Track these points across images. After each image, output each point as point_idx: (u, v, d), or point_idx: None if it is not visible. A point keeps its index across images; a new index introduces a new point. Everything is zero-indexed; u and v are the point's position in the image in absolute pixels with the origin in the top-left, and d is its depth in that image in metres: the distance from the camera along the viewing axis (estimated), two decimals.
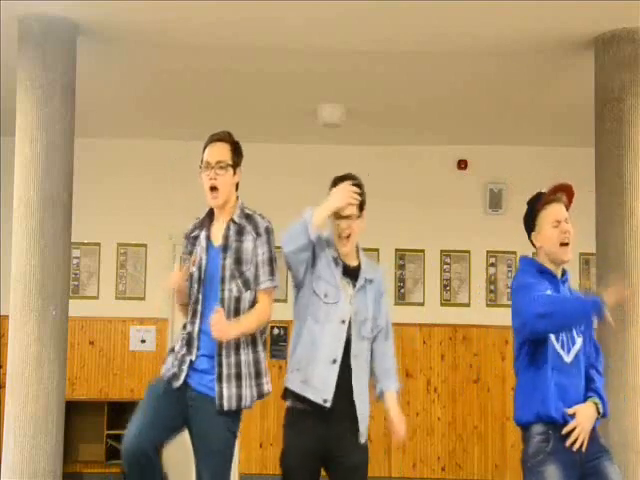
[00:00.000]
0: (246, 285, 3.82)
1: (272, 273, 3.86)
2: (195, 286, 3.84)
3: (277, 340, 8.46)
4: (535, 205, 3.81)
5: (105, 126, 8.33)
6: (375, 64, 6.54)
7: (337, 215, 3.96)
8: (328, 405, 3.82)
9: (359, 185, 4.06)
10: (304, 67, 6.64)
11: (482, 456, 8.56)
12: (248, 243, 3.84)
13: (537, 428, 3.63)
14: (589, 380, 3.66)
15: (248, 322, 3.80)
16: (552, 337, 3.63)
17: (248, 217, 3.91)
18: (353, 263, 4.05)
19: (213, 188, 3.89)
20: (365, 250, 4.22)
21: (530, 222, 3.83)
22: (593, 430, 3.60)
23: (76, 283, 8.60)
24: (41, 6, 5.57)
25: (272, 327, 8.43)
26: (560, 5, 5.29)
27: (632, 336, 5.43)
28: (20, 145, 5.69)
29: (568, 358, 3.63)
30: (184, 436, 3.87)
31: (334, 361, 3.85)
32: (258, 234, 3.86)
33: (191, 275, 3.85)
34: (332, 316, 3.90)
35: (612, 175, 5.66)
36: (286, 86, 7.09)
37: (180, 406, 3.78)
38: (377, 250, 8.40)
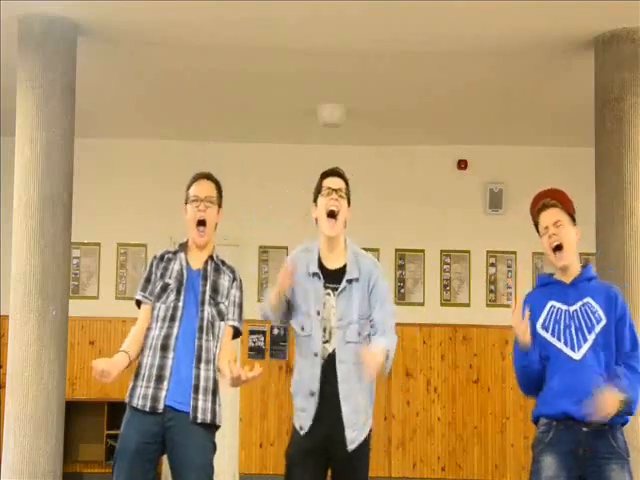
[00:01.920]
0: (220, 315, 3.90)
1: (240, 317, 3.98)
2: (172, 296, 3.88)
3: (277, 340, 8.45)
4: (533, 218, 3.86)
5: (105, 126, 8.33)
6: (375, 64, 6.54)
7: (327, 190, 3.97)
8: (303, 432, 3.89)
9: (345, 179, 4.04)
10: (304, 67, 6.64)
11: (482, 456, 8.55)
12: (225, 281, 3.96)
13: (542, 420, 3.68)
14: (615, 377, 3.60)
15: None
16: (552, 339, 3.68)
17: (223, 262, 4.05)
18: (337, 265, 3.98)
19: (201, 222, 3.94)
20: (365, 250, 4.15)
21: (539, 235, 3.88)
22: (608, 429, 3.57)
23: (76, 283, 8.59)
24: (41, 6, 5.57)
25: (272, 327, 8.44)
26: (560, 5, 5.29)
27: None
28: (20, 145, 5.69)
29: (577, 355, 3.63)
30: None
31: (312, 394, 3.89)
32: (234, 278, 4.00)
33: (166, 285, 3.90)
34: (308, 349, 3.92)
35: (612, 175, 5.66)
36: (286, 86, 7.09)
37: (155, 438, 3.73)
38: (377, 250, 8.39)
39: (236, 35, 6.01)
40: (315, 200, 4.02)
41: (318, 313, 3.90)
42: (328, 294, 3.93)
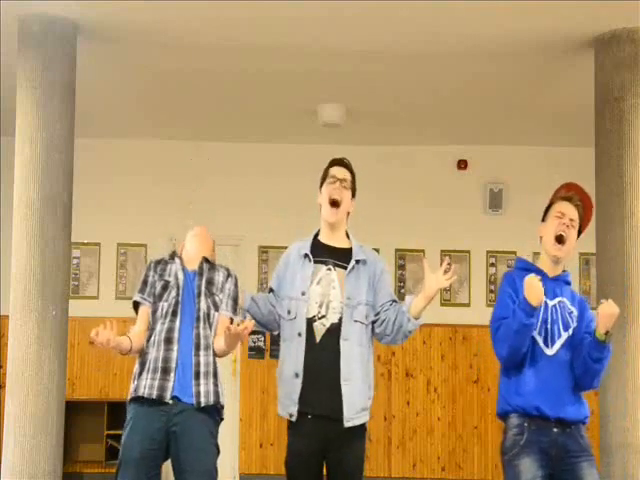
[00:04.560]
0: (215, 306, 4.00)
1: (235, 309, 4.07)
2: (173, 292, 3.98)
3: (277, 340, 8.38)
4: (552, 198, 3.87)
5: (105, 126, 8.33)
6: (375, 64, 6.54)
7: (332, 179, 4.06)
8: (294, 419, 3.88)
9: (351, 170, 4.14)
10: (304, 67, 6.64)
11: (482, 456, 8.55)
12: (220, 277, 4.09)
13: (513, 420, 3.63)
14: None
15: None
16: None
17: (219, 264, 4.20)
18: (341, 245, 4.07)
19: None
20: None
21: (544, 214, 3.86)
22: (574, 429, 3.61)
23: (76, 283, 8.59)
24: (41, 6, 5.57)
25: None
26: (560, 5, 5.30)
27: (632, 336, 5.43)
28: (20, 145, 5.69)
29: (550, 351, 3.64)
30: None
31: (296, 375, 3.90)
32: (229, 275, 4.12)
33: (167, 282, 4.01)
34: (292, 331, 3.97)
35: (612, 175, 5.65)
36: (286, 86, 7.09)
37: (159, 445, 3.75)
38: (377, 250, 8.33)
39: (236, 35, 6.00)
40: (321, 187, 4.11)
41: (303, 294, 3.95)
42: (329, 269, 3.98)
